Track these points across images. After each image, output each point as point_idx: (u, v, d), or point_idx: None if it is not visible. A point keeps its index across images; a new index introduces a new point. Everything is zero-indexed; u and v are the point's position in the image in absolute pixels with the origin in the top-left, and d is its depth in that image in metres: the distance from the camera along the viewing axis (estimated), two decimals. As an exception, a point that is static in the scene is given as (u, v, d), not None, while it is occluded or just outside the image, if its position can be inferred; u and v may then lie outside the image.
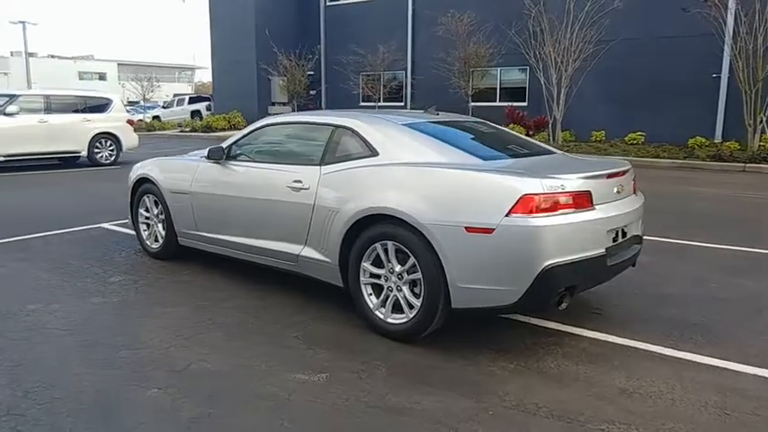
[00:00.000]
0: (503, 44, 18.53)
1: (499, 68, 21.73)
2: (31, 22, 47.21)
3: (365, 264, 3.83)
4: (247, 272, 5.05)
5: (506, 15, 18.57)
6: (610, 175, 3.68)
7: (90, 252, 5.92)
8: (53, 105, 13.97)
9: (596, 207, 3.49)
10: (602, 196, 3.58)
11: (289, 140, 4.65)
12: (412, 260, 3.58)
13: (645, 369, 3.39)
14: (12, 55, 57.24)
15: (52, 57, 60.16)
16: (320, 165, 4.19)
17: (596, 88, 18.15)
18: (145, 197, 5.70)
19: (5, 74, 52.34)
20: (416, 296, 3.62)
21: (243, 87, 26.49)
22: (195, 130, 25.98)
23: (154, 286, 4.86)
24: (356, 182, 3.89)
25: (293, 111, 26.11)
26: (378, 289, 3.83)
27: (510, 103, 20.23)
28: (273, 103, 26.78)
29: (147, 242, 5.76)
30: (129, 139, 15.30)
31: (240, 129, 25.68)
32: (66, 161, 14.29)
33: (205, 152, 5.01)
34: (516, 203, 3.23)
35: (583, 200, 3.42)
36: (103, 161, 14.64)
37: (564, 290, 3.37)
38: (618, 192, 3.72)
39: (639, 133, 17.35)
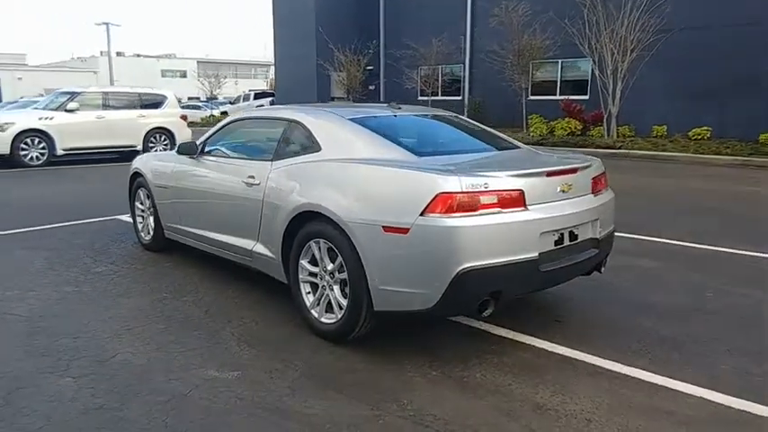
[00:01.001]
0: (558, 35, 17.76)
1: (560, 60, 20.92)
2: (115, 24, 50.09)
3: (303, 261, 3.75)
4: (227, 267, 5.05)
5: (561, 4, 17.80)
6: (550, 174, 3.40)
7: (93, 242, 6.17)
8: (111, 102, 14.73)
9: (530, 207, 3.24)
10: (541, 196, 3.31)
11: (251, 136, 4.64)
12: (340, 259, 3.47)
13: (579, 385, 3.13)
14: (101, 54, 60.97)
15: (138, 56, 63.67)
16: (272, 160, 4.14)
17: (658, 80, 17.10)
18: (139, 190, 5.87)
19: (95, 72, 55.80)
20: (345, 296, 3.51)
21: (302, 83, 26.96)
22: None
23: (130, 277, 4.99)
24: (296, 178, 3.82)
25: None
26: (315, 288, 3.75)
27: (566, 97, 19.42)
28: (333, 98, 27.10)
29: (142, 234, 5.93)
30: (183, 133, 15.86)
31: (299, 124, 26.21)
32: (123, 155, 15.03)
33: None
34: (431, 202, 3.04)
35: (511, 199, 3.17)
36: (158, 155, 15.29)
37: (488, 296, 3.15)
38: (563, 191, 3.43)
39: (705, 128, 16.20)
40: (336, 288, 3.55)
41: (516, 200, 3.18)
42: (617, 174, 11.78)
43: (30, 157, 13.40)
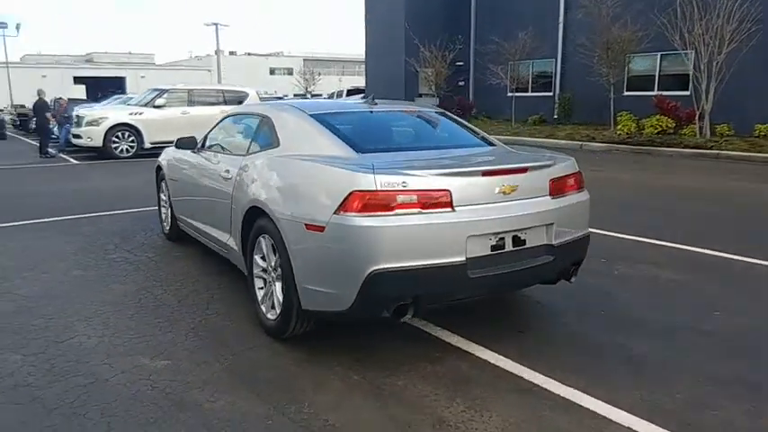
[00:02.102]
0: (651, 27, 16.51)
1: (659, 54, 19.46)
2: (223, 24, 52.91)
3: (256, 257, 3.77)
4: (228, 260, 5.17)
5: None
6: (486, 173, 3.15)
7: (125, 230, 6.59)
8: (195, 99, 15.61)
9: (458, 209, 3.03)
10: (474, 197, 3.09)
11: (238, 131, 4.72)
12: (277, 255, 3.45)
13: (500, 402, 2.90)
14: (215, 53, 64.96)
15: (249, 54, 67.05)
16: (244, 155, 4.19)
17: (761, 74, 15.42)
18: (162, 182, 6.18)
19: (209, 70, 59.29)
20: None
21: (391, 80, 27.08)
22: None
23: (135, 265, 5.27)
24: (253, 173, 3.84)
25: (438, 102, 26.11)
26: (265, 283, 3.75)
27: (659, 93, 18.04)
28: (420, 95, 27.03)
29: (164, 224, 6.24)
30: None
31: (385, 120, 26.39)
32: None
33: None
34: (345, 200, 2.94)
35: (434, 199, 2.99)
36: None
37: (406, 299, 2.99)
38: (503, 193, 3.18)
39: (818, 127, 14.40)
40: (278, 285, 3.53)
41: (441, 200, 2.99)
42: (692, 175, 10.84)
43: (120, 149, 14.54)
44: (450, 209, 3.01)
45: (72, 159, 14.97)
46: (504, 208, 3.16)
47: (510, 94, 23.72)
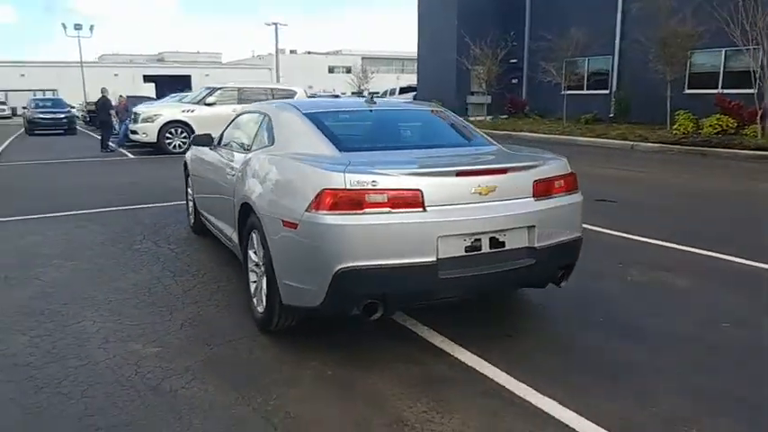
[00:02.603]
0: (711, 22, 15.72)
1: (723, 50, 18.52)
2: (282, 24, 54.01)
3: (249, 251, 3.88)
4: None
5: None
6: (461, 173, 3.13)
7: (157, 223, 6.89)
8: (245, 97, 16.01)
9: (429, 209, 3.03)
10: (448, 197, 3.08)
11: (245, 128, 4.85)
12: (263, 251, 3.55)
13: (464, 405, 2.87)
14: (275, 52, 66.41)
15: (308, 53, 68.21)
16: (247, 152, 4.32)
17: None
18: (187, 178, 6.43)
19: (269, 69, 60.65)
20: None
21: (443, 78, 26.96)
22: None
23: (155, 255, 5.51)
24: (248, 170, 3.95)
25: (490, 101, 25.80)
26: (257, 277, 3.86)
27: (719, 91, 17.16)
28: (472, 93, 26.78)
29: (191, 217, 6.49)
30: (311, 126, 16.78)
31: (437, 118, 26.29)
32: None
33: None
34: (316, 198, 3.00)
35: (405, 199, 2.99)
36: (286, 146, 16.36)
37: (375, 298, 3.02)
38: (479, 193, 3.14)
39: None
40: (264, 279, 3.63)
41: (412, 200, 3.00)
42: (744, 178, 10.27)
43: (173, 144, 15.15)
44: (421, 209, 3.02)
45: (129, 154, 15.71)
46: (480, 209, 3.13)
47: (564, 92, 23.15)
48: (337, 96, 42.87)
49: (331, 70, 66.71)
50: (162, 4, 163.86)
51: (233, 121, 5.25)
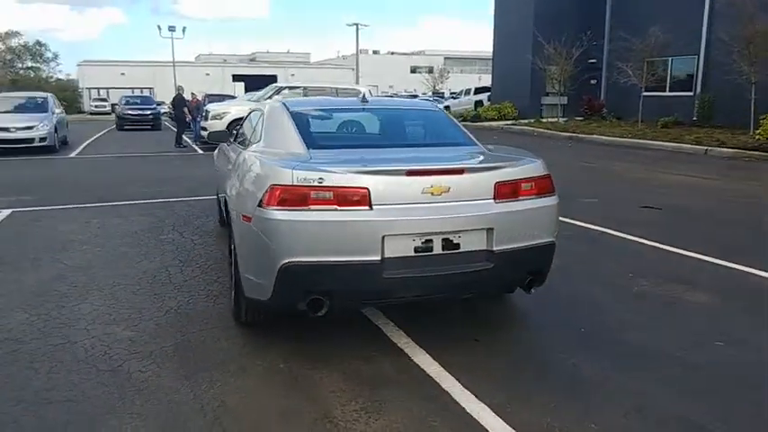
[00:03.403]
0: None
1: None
2: (363, 24, 54.77)
3: (232, 245, 4.00)
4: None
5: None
6: (412, 173, 3.07)
7: (190, 215, 7.22)
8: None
9: (376, 207, 3.01)
10: (397, 196, 3.05)
11: (250, 125, 4.98)
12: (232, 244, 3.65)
13: (400, 408, 2.84)
14: (361, 53, 67.51)
15: (391, 53, 68.76)
16: (246, 148, 4.45)
17: None
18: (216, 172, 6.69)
19: (352, 69, 61.62)
20: (242, 281, 3.67)
21: (517, 78, 26.38)
22: (465, 120, 26.96)
23: (177, 246, 5.79)
24: (233, 166, 4.08)
25: (566, 102, 24.99)
26: (237, 270, 3.98)
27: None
28: (547, 93, 26.04)
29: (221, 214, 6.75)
30: (372, 125, 16.97)
31: (509, 119, 25.78)
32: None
33: None
34: (265, 194, 3.06)
35: (351, 197, 2.99)
36: (348, 145, 16.61)
37: (318, 294, 3.04)
38: (431, 193, 3.08)
39: None
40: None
41: (358, 197, 2.99)
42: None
43: (238, 141, 15.76)
44: (367, 207, 3.00)
45: (199, 150, 16.49)
46: (430, 209, 3.08)
47: (642, 94, 22.01)
48: (415, 96, 43.09)
49: (413, 70, 66.86)
50: (257, 6, 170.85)
51: (245, 118, 5.42)
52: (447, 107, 34.24)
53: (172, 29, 44.54)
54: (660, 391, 3.00)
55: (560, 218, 6.76)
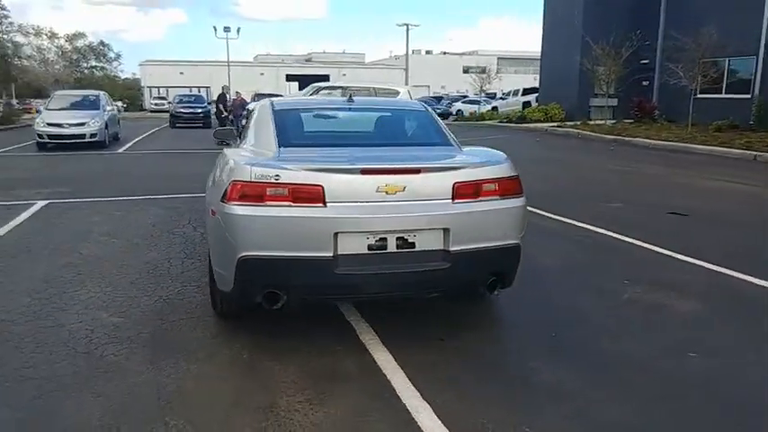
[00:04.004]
0: None
1: None
2: (414, 24, 54.84)
3: None
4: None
5: None
6: (366, 171, 3.13)
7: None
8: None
9: (330, 205, 3.08)
10: (351, 194, 3.12)
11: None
12: (210, 239, 3.80)
13: (342, 402, 2.91)
14: (413, 53, 67.54)
15: (444, 54, 68.49)
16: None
17: None
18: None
19: (404, 69, 61.71)
20: (221, 274, 3.81)
21: (565, 78, 25.83)
22: (511, 121, 26.61)
23: (185, 238, 6.04)
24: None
25: (615, 104, 24.32)
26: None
27: None
28: (596, 95, 25.38)
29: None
30: (411, 125, 17.03)
31: (555, 121, 25.28)
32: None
33: None
34: (227, 189, 3.19)
35: (305, 194, 3.08)
36: (385, 144, 16.70)
37: (274, 288, 3.14)
38: (386, 192, 3.13)
39: None
40: None
41: (313, 195, 3.08)
42: None
43: (277, 140, 16.11)
44: (321, 204, 3.08)
45: (240, 147, 16.94)
46: (384, 207, 3.13)
47: (694, 96, 21.16)
48: (465, 97, 42.74)
49: (466, 71, 66.28)
50: (315, 7, 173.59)
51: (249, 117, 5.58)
52: (494, 108, 33.88)
53: (227, 29, 45.89)
54: (609, 397, 2.97)
55: (574, 222, 6.78)
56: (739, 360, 3.40)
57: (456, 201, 3.25)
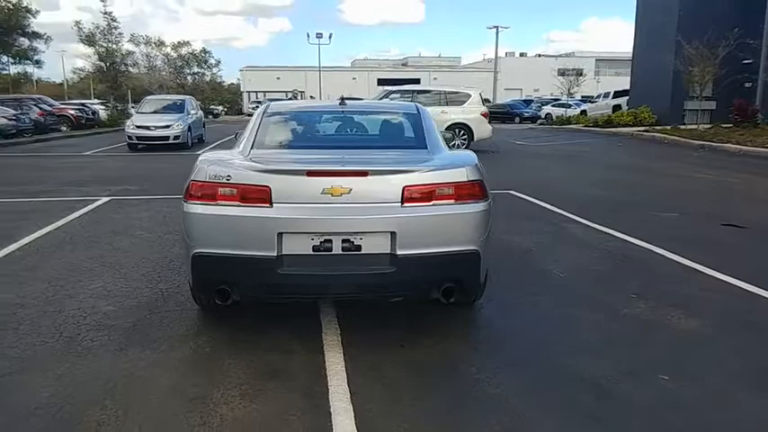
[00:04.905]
0: None
1: None
2: (504, 27, 53.84)
3: None
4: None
5: None
6: (312, 173, 3.15)
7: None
8: (418, 99, 16.66)
9: (276, 205, 3.15)
10: (297, 195, 3.16)
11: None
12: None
13: (270, 401, 2.95)
14: (506, 55, 66.36)
15: (538, 56, 66.69)
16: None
17: None
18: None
19: (498, 72, 60.76)
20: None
21: (657, 80, 24.41)
22: (597, 125, 25.48)
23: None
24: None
25: (713, 107, 22.68)
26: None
27: None
28: (692, 97, 23.78)
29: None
30: (482, 130, 16.82)
31: (645, 125, 23.94)
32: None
33: None
34: (188, 188, 3.34)
35: (254, 194, 3.17)
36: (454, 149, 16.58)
37: (224, 285, 3.26)
38: (331, 194, 3.14)
39: None
40: None
41: (260, 195, 3.16)
42: None
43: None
44: (268, 204, 3.16)
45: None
46: (329, 209, 3.15)
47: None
48: (557, 99, 41.37)
49: (561, 73, 64.29)
50: (413, 12, 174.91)
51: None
52: (583, 112, 32.60)
53: (319, 36, 47.39)
54: (547, 415, 2.81)
55: (609, 230, 6.42)
56: (711, 390, 3.10)
57: (405, 204, 3.21)
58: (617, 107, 29.36)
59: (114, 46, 29.27)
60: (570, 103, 36.78)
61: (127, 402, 2.92)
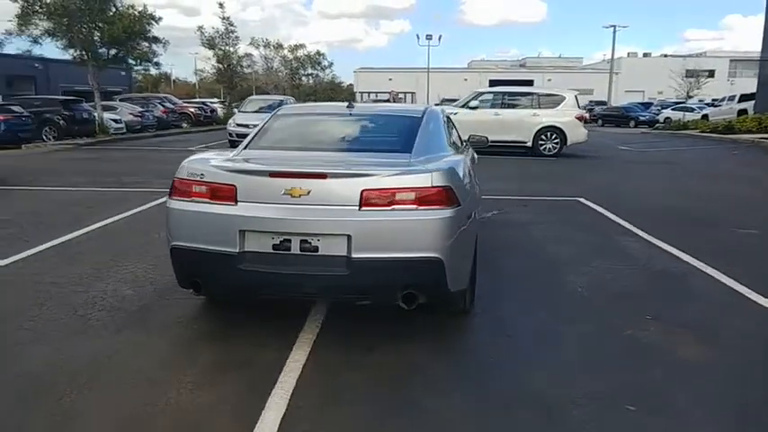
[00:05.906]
0: None
1: None
2: (622, 26, 50.99)
3: None
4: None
5: None
6: (274, 174, 3.24)
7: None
8: (507, 101, 16.34)
9: (241, 204, 3.29)
10: (260, 195, 3.28)
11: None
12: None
13: (213, 395, 3.11)
14: (628, 56, 62.73)
15: (664, 56, 62.25)
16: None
17: None
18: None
19: (617, 73, 57.57)
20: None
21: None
22: (716, 131, 23.40)
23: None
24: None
25: None
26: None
27: None
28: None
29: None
30: (575, 133, 16.12)
31: (772, 131, 21.65)
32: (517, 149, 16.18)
33: None
34: (172, 186, 3.57)
35: (221, 192, 3.33)
36: (546, 153, 15.98)
37: (196, 277, 3.45)
38: (291, 195, 3.21)
39: None
40: None
41: (226, 193, 3.31)
42: None
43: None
44: (233, 203, 3.30)
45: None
46: (287, 210, 3.23)
47: None
48: (680, 103, 38.47)
49: (690, 74, 59.74)
50: (535, 11, 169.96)
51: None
52: (704, 116, 30.13)
53: (428, 37, 47.53)
54: (472, 433, 2.71)
55: (663, 245, 5.94)
56: (679, 426, 2.82)
57: (363, 208, 3.21)
58: (742, 111, 26.75)
59: (231, 49, 31.33)
60: (693, 106, 34.12)
61: (94, 377, 3.18)
